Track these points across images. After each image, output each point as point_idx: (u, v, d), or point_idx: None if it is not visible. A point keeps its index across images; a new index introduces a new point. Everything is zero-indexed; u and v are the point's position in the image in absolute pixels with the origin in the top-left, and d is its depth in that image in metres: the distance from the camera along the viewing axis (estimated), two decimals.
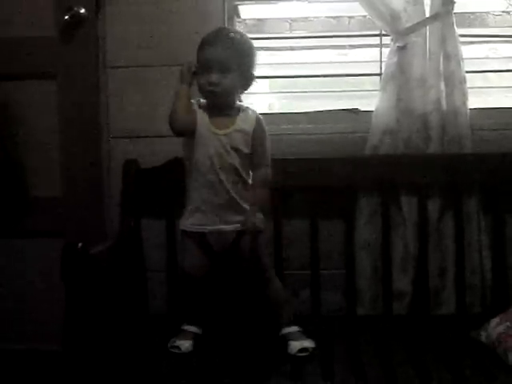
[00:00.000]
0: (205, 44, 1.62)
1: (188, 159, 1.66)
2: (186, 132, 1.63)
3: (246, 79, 1.64)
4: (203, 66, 1.60)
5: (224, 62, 1.58)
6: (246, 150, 1.63)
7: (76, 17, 1.94)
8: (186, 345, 1.64)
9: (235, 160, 1.62)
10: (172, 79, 1.98)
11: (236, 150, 1.62)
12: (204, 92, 1.62)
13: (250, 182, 1.66)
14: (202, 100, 1.66)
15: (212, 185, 1.61)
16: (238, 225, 1.63)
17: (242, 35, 1.66)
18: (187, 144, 1.65)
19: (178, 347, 1.63)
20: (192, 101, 1.64)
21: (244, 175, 1.64)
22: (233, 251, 1.66)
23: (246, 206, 1.64)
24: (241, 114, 1.64)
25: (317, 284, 1.92)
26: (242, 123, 1.64)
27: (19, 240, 2.03)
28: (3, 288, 2.05)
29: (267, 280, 1.68)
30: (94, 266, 1.57)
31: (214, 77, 1.58)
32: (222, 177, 1.60)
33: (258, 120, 1.66)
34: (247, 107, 1.68)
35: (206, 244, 1.65)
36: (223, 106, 1.64)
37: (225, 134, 1.62)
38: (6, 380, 1.96)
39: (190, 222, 1.65)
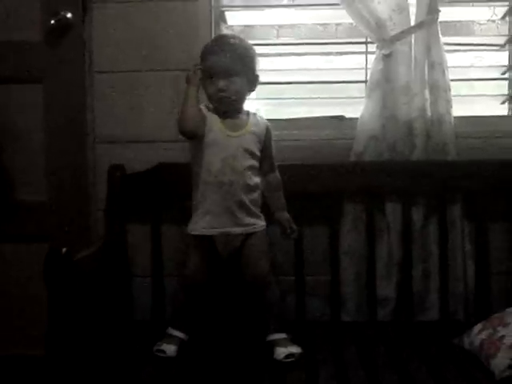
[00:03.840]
0: (208, 53, 1.66)
1: (197, 162, 1.66)
2: (196, 133, 1.63)
3: (252, 81, 1.68)
4: (209, 75, 1.62)
5: (229, 68, 1.62)
6: (257, 153, 1.68)
7: (63, 21, 1.94)
8: (171, 349, 1.63)
9: (246, 162, 1.65)
10: (158, 84, 1.99)
11: (248, 152, 1.65)
12: (214, 99, 1.65)
13: (259, 185, 1.69)
14: (210, 106, 1.68)
15: (223, 187, 1.62)
16: (248, 227, 1.66)
17: (241, 40, 1.70)
18: (197, 147, 1.65)
19: (163, 351, 1.63)
20: (201, 106, 1.66)
21: (254, 177, 1.66)
22: (237, 255, 1.67)
23: (254, 208, 1.67)
24: (251, 118, 1.69)
25: (301, 290, 1.92)
26: (253, 126, 1.68)
27: (2, 244, 2.01)
28: None
29: (267, 284, 1.68)
30: (78, 271, 1.56)
31: (222, 83, 1.61)
32: (234, 179, 1.62)
33: (267, 125, 1.72)
34: (255, 113, 1.73)
35: (213, 248, 1.66)
36: (234, 110, 1.67)
37: (238, 136, 1.65)
38: None
39: (200, 225, 1.66)
